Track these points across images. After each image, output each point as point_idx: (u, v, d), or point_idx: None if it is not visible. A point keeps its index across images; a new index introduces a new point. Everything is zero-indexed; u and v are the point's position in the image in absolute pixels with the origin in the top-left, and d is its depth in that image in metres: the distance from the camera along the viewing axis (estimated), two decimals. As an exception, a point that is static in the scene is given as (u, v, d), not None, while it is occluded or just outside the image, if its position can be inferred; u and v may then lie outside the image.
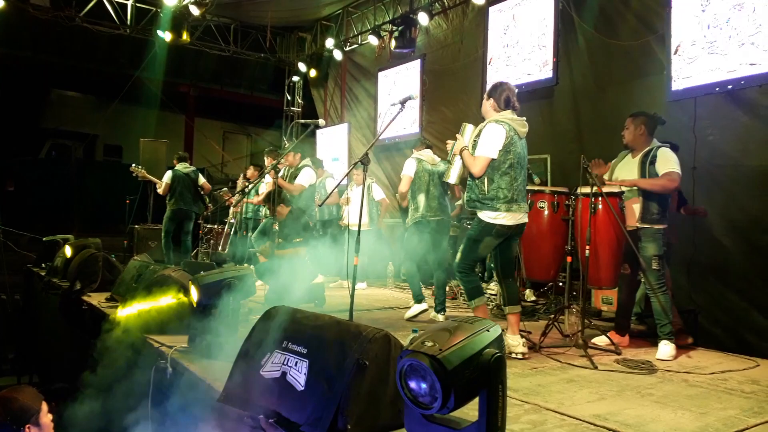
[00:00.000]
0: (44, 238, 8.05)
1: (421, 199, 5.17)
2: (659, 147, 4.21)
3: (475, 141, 3.86)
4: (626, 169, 4.30)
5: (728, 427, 2.66)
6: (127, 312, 4.19)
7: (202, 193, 8.57)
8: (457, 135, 3.98)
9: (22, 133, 13.93)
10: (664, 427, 2.61)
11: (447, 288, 5.87)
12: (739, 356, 4.21)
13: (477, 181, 3.84)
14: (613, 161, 4.48)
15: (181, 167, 8.40)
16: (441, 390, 1.84)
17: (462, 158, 3.92)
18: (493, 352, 1.91)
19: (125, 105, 11.73)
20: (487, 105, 3.96)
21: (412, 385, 1.92)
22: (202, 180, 8.56)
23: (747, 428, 2.67)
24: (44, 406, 2.80)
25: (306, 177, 6.84)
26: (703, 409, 2.91)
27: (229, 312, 3.52)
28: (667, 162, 4.13)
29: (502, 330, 2.01)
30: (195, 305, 3.56)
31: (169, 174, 8.36)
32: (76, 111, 14.88)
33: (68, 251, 6.63)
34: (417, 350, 1.91)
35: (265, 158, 7.98)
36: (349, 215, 7.26)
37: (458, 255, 3.97)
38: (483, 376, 1.88)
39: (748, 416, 2.83)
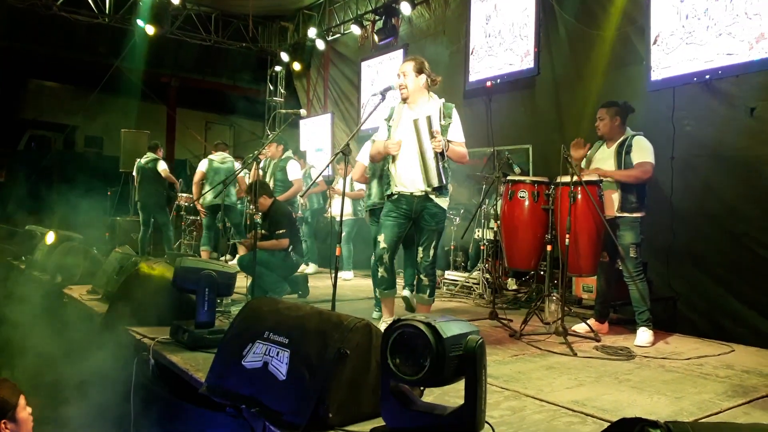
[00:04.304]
0: (26, 227, 7.98)
1: None
2: (634, 136, 4.25)
3: (442, 126, 3.84)
4: (602, 160, 4.34)
5: (702, 411, 2.72)
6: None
7: (167, 181, 8.55)
8: (436, 132, 3.78)
9: (1, 124, 13.69)
10: (640, 412, 2.66)
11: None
12: (716, 342, 4.31)
13: (447, 167, 3.89)
14: (588, 152, 4.52)
15: (144, 159, 8.44)
16: (433, 357, 1.87)
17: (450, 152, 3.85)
18: (477, 338, 1.96)
19: (105, 95, 11.57)
20: (420, 81, 3.90)
21: (401, 354, 1.95)
22: (160, 168, 8.41)
23: (720, 411, 2.73)
24: (22, 401, 2.77)
25: (297, 170, 6.84)
26: (678, 394, 2.98)
27: (206, 303, 3.53)
28: (642, 151, 4.18)
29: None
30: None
31: (135, 166, 8.52)
32: (55, 101, 14.63)
33: (49, 243, 6.58)
34: (411, 319, 1.95)
35: (213, 150, 7.97)
36: (333, 206, 7.28)
37: (432, 251, 3.93)
38: (469, 359, 1.93)
39: (721, 400, 2.90)
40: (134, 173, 8.49)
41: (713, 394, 3.00)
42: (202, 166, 7.81)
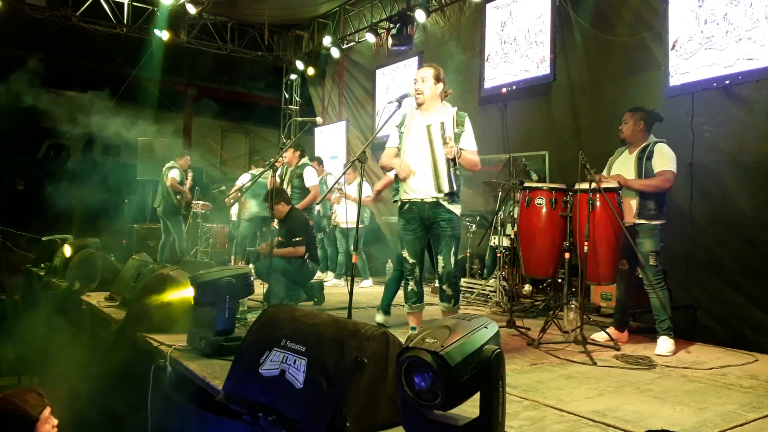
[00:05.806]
0: (43, 238, 8.05)
1: None
2: (656, 143, 4.20)
3: (456, 134, 3.81)
4: (623, 166, 4.29)
5: (727, 422, 2.66)
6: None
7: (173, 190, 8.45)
8: (449, 138, 3.75)
9: (20, 133, 13.89)
10: (662, 423, 2.61)
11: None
12: (738, 351, 4.22)
13: (459, 174, 3.86)
14: (610, 159, 4.48)
15: (166, 165, 8.51)
16: (444, 387, 1.85)
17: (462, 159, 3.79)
18: (493, 348, 1.93)
19: (123, 104, 11.70)
20: (437, 89, 3.90)
21: (414, 382, 1.93)
22: (169, 175, 8.37)
23: (746, 423, 2.68)
24: (45, 413, 2.72)
25: (314, 176, 6.85)
26: (701, 405, 2.92)
27: (227, 311, 3.53)
28: (664, 159, 4.12)
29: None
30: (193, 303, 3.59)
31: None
32: (74, 110, 14.84)
33: (67, 251, 6.65)
34: (419, 347, 1.92)
35: (252, 167, 8.03)
36: (338, 213, 7.30)
37: (453, 258, 3.87)
38: (484, 372, 1.89)
39: (746, 411, 2.84)
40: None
41: (738, 405, 2.94)
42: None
